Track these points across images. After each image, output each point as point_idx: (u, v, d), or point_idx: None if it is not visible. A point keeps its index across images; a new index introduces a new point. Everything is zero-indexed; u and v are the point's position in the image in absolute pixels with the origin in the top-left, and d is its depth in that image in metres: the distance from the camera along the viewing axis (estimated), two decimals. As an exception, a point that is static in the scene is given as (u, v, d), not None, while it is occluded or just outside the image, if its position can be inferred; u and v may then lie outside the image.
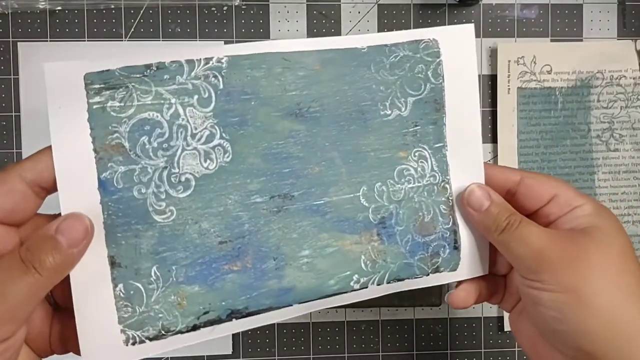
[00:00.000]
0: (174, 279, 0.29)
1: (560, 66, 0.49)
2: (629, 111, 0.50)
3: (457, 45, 0.34)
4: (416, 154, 0.34)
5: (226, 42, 0.48)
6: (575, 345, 0.30)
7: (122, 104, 0.28)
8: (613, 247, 0.30)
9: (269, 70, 0.31)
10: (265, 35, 0.48)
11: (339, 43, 0.32)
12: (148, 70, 0.29)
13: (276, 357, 0.49)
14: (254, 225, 0.31)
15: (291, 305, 0.32)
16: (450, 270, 0.35)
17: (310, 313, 0.49)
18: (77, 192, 0.28)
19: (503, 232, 0.32)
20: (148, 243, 0.29)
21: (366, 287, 0.33)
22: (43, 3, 0.47)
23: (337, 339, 0.50)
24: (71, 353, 0.30)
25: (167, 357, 0.48)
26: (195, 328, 0.30)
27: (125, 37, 0.47)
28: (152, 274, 0.29)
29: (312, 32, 0.49)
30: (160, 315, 0.29)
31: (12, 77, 0.47)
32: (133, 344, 0.29)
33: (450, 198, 0.34)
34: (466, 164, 0.34)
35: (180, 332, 0.30)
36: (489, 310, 0.50)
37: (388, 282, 0.34)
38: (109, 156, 0.28)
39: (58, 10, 0.47)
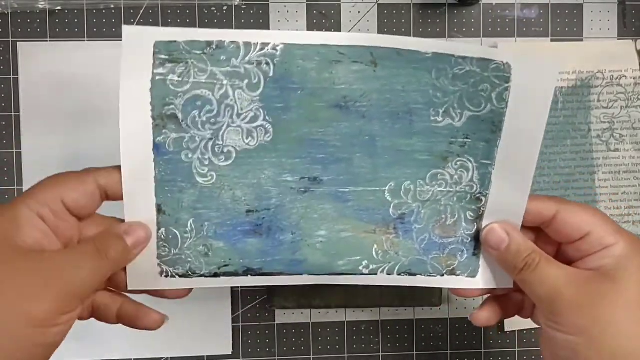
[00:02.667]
0: (205, 233, 0.34)
1: (560, 66, 0.49)
2: (629, 111, 0.50)
3: (535, 76, 0.32)
4: (458, 163, 0.34)
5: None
6: None
7: (180, 79, 0.32)
8: (633, 292, 0.30)
9: (320, 62, 0.32)
10: (265, 35, 0.48)
11: (403, 43, 0.32)
12: (208, 48, 0.31)
13: (276, 357, 0.49)
14: (280, 200, 0.34)
15: (302, 275, 0.35)
16: (468, 276, 0.35)
17: (311, 313, 0.49)
18: (136, 150, 0.32)
19: (521, 272, 0.32)
20: (189, 199, 0.33)
21: (375, 274, 0.35)
22: (43, 3, 0.47)
23: (337, 339, 0.50)
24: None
25: (168, 357, 0.48)
26: (216, 275, 0.35)
27: (125, 37, 0.47)
28: (189, 225, 0.34)
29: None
30: (190, 259, 0.34)
31: (12, 77, 0.47)
32: (166, 276, 0.34)
33: (482, 209, 0.35)
34: (511, 188, 0.34)
35: (204, 276, 0.35)
36: (489, 310, 0.50)
37: (399, 274, 0.35)
38: (164, 124, 0.32)
39: (58, 10, 0.47)
